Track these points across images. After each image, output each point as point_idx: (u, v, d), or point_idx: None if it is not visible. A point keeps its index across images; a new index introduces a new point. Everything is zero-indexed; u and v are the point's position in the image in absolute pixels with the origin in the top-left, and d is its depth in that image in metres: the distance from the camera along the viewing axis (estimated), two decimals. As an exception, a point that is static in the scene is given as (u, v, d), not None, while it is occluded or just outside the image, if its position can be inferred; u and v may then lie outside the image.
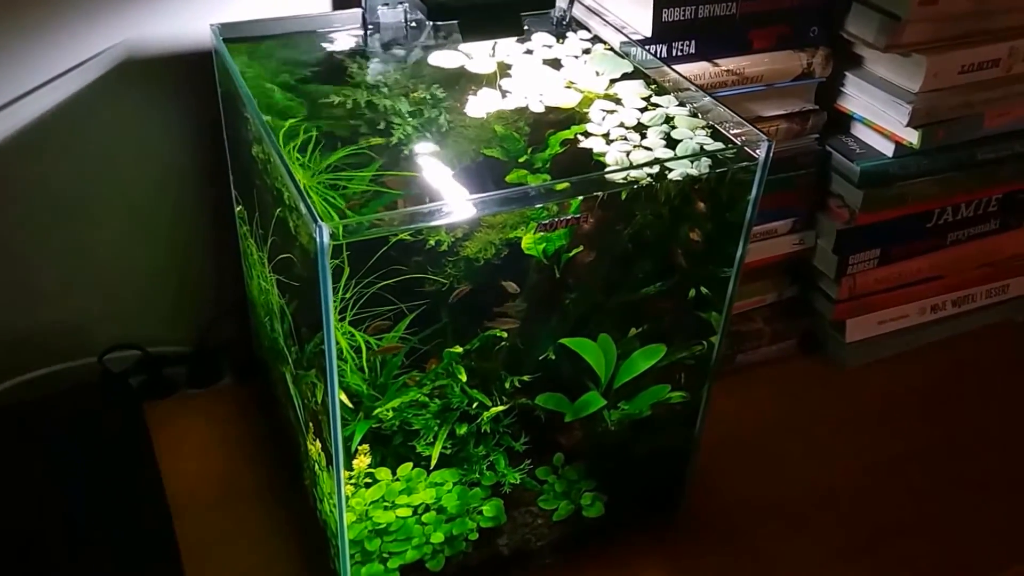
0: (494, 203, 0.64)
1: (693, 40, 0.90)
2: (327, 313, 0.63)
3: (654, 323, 0.76)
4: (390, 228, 0.61)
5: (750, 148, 0.70)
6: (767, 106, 0.97)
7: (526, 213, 0.66)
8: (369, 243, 0.63)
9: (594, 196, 0.66)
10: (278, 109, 0.76)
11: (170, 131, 0.92)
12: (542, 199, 0.65)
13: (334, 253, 0.61)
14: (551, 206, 0.66)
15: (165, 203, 0.96)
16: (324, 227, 0.58)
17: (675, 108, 0.77)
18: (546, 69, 0.82)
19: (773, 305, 1.10)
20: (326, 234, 0.58)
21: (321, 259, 0.59)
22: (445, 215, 0.63)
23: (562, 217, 0.66)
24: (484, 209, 0.63)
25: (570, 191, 0.65)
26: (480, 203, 0.63)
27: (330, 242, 0.59)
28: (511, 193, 0.64)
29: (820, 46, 0.96)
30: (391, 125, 0.75)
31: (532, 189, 0.65)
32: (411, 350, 0.69)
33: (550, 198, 0.65)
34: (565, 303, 0.72)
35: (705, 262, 0.75)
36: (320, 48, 0.85)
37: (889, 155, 0.99)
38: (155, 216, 0.96)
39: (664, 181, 0.67)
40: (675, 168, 0.68)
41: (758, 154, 0.69)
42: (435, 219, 0.63)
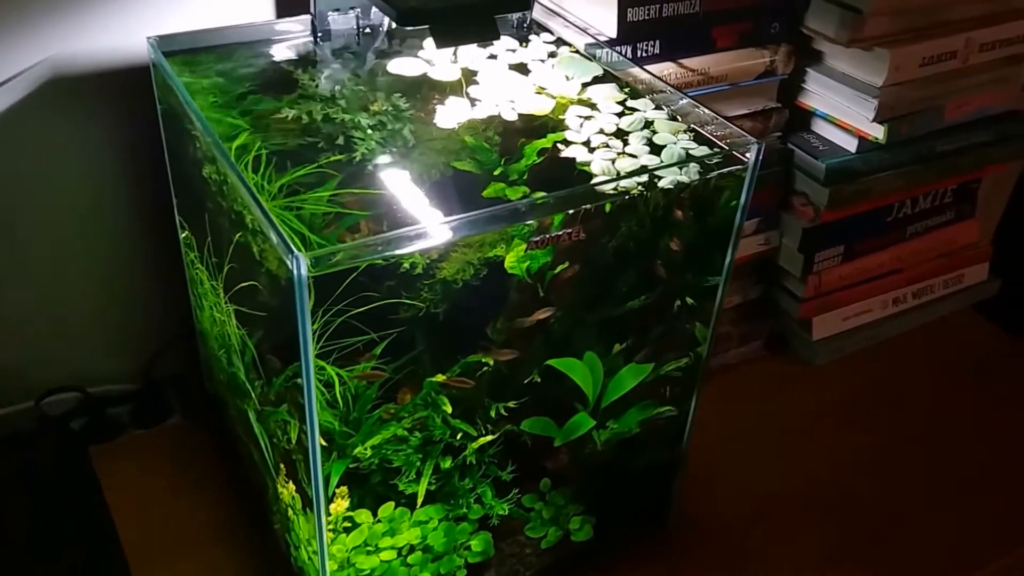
0: (482, 221, 0.59)
1: (657, 40, 0.87)
2: (306, 349, 0.58)
3: (642, 337, 0.72)
4: (373, 254, 0.56)
5: (738, 151, 0.67)
6: (731, 106, 0.94)
7: (509, 230, 0.62)
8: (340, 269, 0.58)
9: (584, 209, 0.62)
10: (225, 126, 0.71)
11: (106, 153, 0.85)
12: (534, 214, 0.61)
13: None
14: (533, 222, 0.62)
15: (102, 230, 0.89)
16: (301, 258, 0.53)
17: (653, 112, 0.73)
18: (513, 74, 0.78)
19: (739, 307, 1.08)
20: (304, 266, 0.53)
21: (299, 292, 0.54)
22: (430, 237, 0.58)
23: (554, 233, 0.62)
24: (472, 229, 0.59)
25: (563, 204, 0.61)
26: (467, 223, 0.59)
27: (309, 274, 0.54)
28: (499, 210, 0.60)
29: (782, 43, 0.94)
30: (351, 140, 0.70)
31: (523, 205, 0.60)
32: (384, 381, 0.64)
33: (543, 213, 0.61)
34: (550, 322, 0.68)
35: (693, 271, 0.72)
36: (267, 59, 0.79)
37: (853, 151, 0.98)
38: (91, 245, 0.89)
39: (655, 190, 0.64)
40: (665, 176, 0.64)
41: (748, 157, 0.66)
42: (421, 242, 0.58)
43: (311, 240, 0.61)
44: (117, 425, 0.95)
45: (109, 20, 0.80)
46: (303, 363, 0.58)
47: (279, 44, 0.81)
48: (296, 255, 0.53)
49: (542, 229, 0.62)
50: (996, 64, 1.00)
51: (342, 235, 0.62)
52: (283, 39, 0.81)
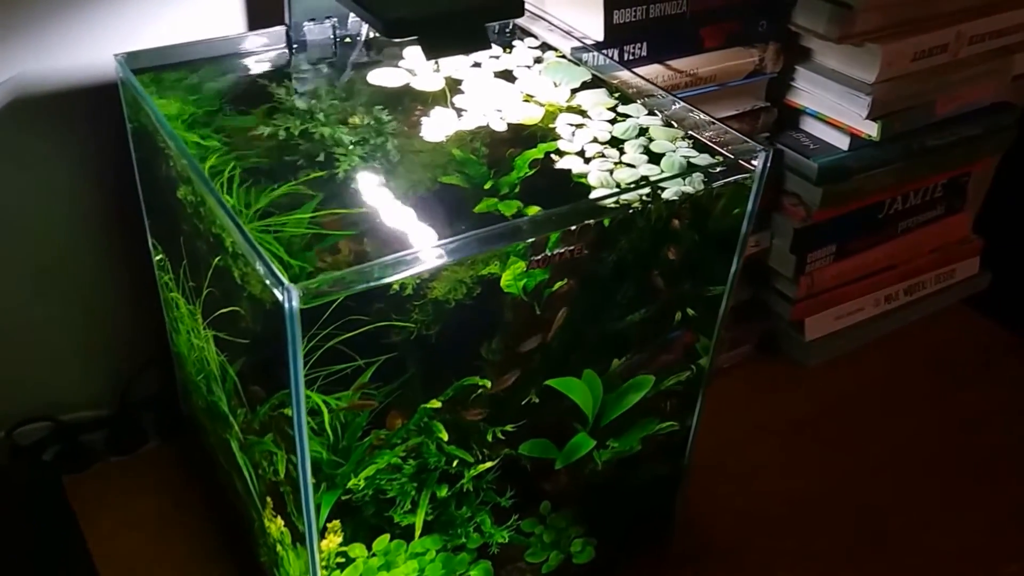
0: (481, 241, 0.56)
1: (645, 42, 0.84)
2: (296, 383, 0.54)
3: (642, 352, 0.70)
4: (367, 281, 0.53)
5: (744, 158, 0.65)
6: (720, 107, 0.92)
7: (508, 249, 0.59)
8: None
9: (586, 224, 0.59)
10: (198, 145, 0.67)
11: (74, 173, 0.81)
12: (536, 232, 0.58)
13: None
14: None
15: (71, 253, 0.85)
16: (293, 290, 0.50)
17: (647, 118, 0.71)
18: (499, 82, 0.74)
19: (730, 309, 1.06)
20: (295, 298, 0.50)
21: (291, 326, 0.51)
22: (426, 261, 0.55)
23: (557, 251, 0.59)
24: (471, 249, 0.56)
25: (565, 220, 0.58)
26: (466, 243, 0.56)
27: (300, 306, 0.50)
28: (500, 229, 0.57)
29: (770, 41, 0.92)
30: (332, 156, 0.67)
31: (525, 223, 0.57)
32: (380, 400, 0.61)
33: (546, 230, 0.58)
34: (548, 341, 0.66)
35: (696, 282, 0.69)
36: (240, 73, 0.76)
37: (844, 148, 0.96)
38: (61, 268, 0.85)
39: (659, 201, 0.61)
40: (669, 187, 0.62)
41: (754, 164, 0.64)
42: (416, 266, 0.55)
43: (291, 264, 0.58)
44: (92, 453, 0.91)
45: (77, 37, 0.76)
46: (293, 397, 0.54)
47: (252, 57, 0.77)
48: (288, 287, 0.50)
49: (538, 245, 0.59)
50: (986, 56, 0.98)
51: (322, 256, 0.59)
52: (256, 52, 0.78)
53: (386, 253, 0.59)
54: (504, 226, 0.57)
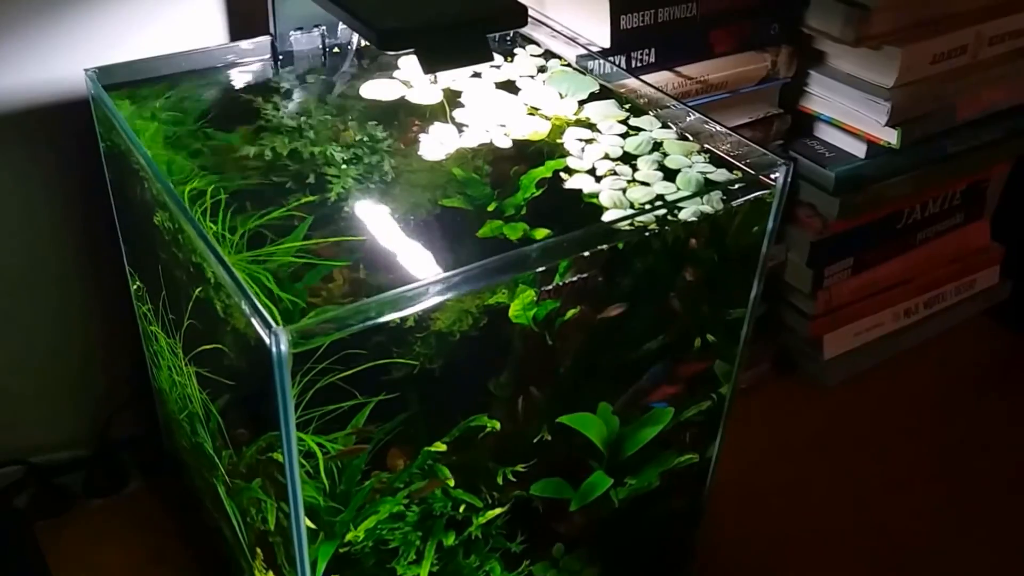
0: (488, 272, 0.51)
1: (653, 48, 0.79)
2: (288, 433, 0.49)
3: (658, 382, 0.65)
4: (365, 320, 0.48)
5: (764, 173, 0.60)
6: (731, 114, 0.87)
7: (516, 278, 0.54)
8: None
9: (600, 248, 0.54)
10: (178, 166, 0.62)
11: (47, 196, 0.76)
12: (545, 260, 0.52)
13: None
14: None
15: (43, 282, 0.80)
16: (282, 334, 0.44)
17: (660, 131, 0.66)
18: (501, 94, 0.69)
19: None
20: (284, 342, 0.45)
21: (279, 373, 0.46)
22: (430, 296, 0.50)
23: (569, 279, 0.54)
24: (477, 281, 0.51)
25: (578, 246, 0.53)
26: (472, 276, 0.51)
27: (290, 351, 0.45)
28: (508, 258, 0.52)
29: (782, 44, 0.87)
30: (324, 178, 0.62)
31: (534, 250, 0.52)
32: (376, 444, 0.56)
33: (554, 257, 0.53)
34: (560, 374, 0.60)
35: (715, 305, 0.64)
36: (223, 87, 0.71)
37: (861, 156, 0.91)
38: (31, 298, 0.80)
39: (676, 223, 0.56)
40: (686, 206, 0.56)
41: (775, 179, 0.59)
42: (418, 302, 0.50)
43: (281, 297, 0.52)
44: (68, 496, 0.86)
45: (47, 51, 0.70)
46: (284, 447, 0.49)
47: (236, 69, 0.72)
48: (276, 330, 0.44)
49: (548, 272, 0.54)
50: (1007, 58, 0.93)
51: (315, 288, 0.54)
52: (240, 64, 0.72)
53: (383, 283, 0.54)
54: (511, 255, 0.52)
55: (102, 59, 0.70)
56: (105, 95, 0.65)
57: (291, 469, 0.50)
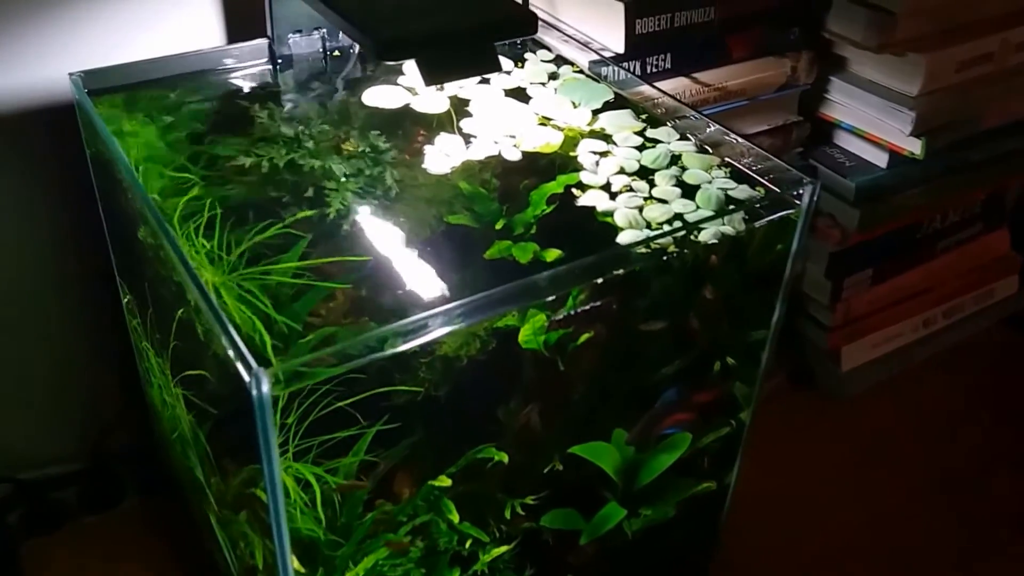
0: (494, 302, 0.48)
1: (669, 54, 0.76)
2: (272, 479, 0.46)
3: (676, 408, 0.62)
4: (359, 358, 0.45)
5: (789, 192, 0.56)
6: (749, 122, 0.84)
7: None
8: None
9: (616, 273, 0.51)
10: (170, 178, 0.59)
11: (34, 203, 0.73)
12: (555, 288, 0.49)
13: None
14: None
15: (31, 291, 0.76)
16: (263, 374, 0.41)
17: (678, 143, 0.62)
18: (511, 102, 0.66)
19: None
20: (266, 384, 0.41)
21: (261, 417, 0.42)
22: (431, 329, 0.47)
23: (581, 307, 0.50)
24: (482, 313, 0.48)
25: (591, 272, 0.50)
26: (477, 307, 0.47)
27: (272, 392, 0.42)
28: (516, 287, 0.48)
29: (803, 50, 0.84)
30: (323, 192, 0.58)
31: (543, 280, 0.49)
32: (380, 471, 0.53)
33: (565, 285, 0.50)
34: (573, 400, 0.57)
35: (736, 327, 0.61)
36: (218, 93, 0.67)
37: (883, 166, 0.88)
38: (19, 308, 0.76)
39: (696, 246, 0.53)
40: (707, 226, 0.53)
41: (800, 199, 0.55)
42: (416, 336, 0.46)
43: (276, 319, 0.49)
44: (61, 513, 0.83)
45: (32, 53, 0.67)
46: (269, 492, 0.46)
47: (232, 74, 0.69)
48: (256, 371, 0.41)
49: (561, 296, 0.51)
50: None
51: (315, 309, 0.51)
52: (236, 68, 0.69)
53: (386, 303, 0.51)
54: (517, 285, 0.48)
55: (92, 62, 0.66)
56: (88, 101, 0.61)
57: (276, 512, 0.47)
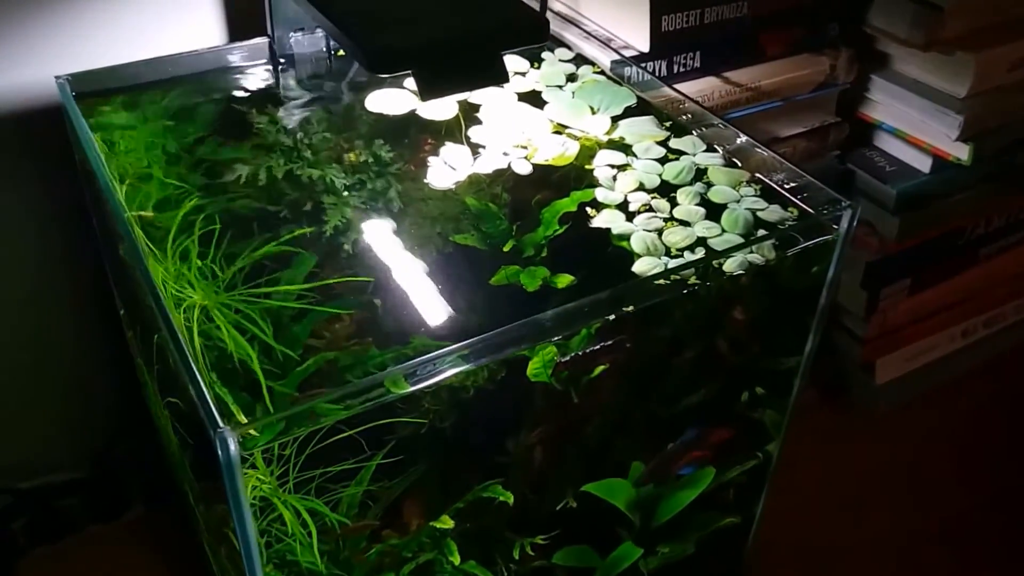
0: (492, 347, 0.44)
1: (698, 52, 0.71)
2: (247, 542, 0.42)
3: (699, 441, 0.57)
4: (338, 410, 0.41)
5: (825, 214, 0.52)
6: (784, 124, 0.79)
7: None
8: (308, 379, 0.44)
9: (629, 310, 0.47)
10: (164, 189, 0.55)
11: (31, 208, 0.70)
12: (562, 327, 0.45)
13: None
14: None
15: (29, 296, 0.74)
16: (229, 435, 0.37)
17: (704, 155, 0.58)
18: (524, 107, 0.62)
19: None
20: (232, 445, 0.38)
21: (229, 478, 0.39)
22: (419, 379, 0.43)
23: (590, 347, 0.46)
24: (478, 356, 0.44)
25: (601, 310, 0.46)
26: (476, 350, 0.43)
27: (239, 452, 0.38)
28: (517, 330, 0.44)
29: (842, 47, 0.78)
30: (324, 206, 0.55)
31: (548, 319, 0.45)
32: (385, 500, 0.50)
33: (575, 324, 0.45)
34: (587, 434, 0.53)
35: (764, 357, 0.57)
36: (217, 96, 0.64)
37: (926, 171, 0.82)
38: (19, 314, 0.74)
39: (720, 276, 0.48)
40: (733, 254, 0.49)
41: (838, 225, 0.51)
42: (418, 382, 0.43)
43: (274, 348, 0.46)
44: (65, 522, 0.80)
45: (22, 55, 0.64)
46: (243, 554, 0.42)
47: (231, 76, 0.65)
48: (221, 431, 0.37)
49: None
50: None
51: (318, 330, 0.48)
52: (235, 69, 0.65)
53: (386, 331, 0.47)
54: (519, 327, 0.44)
55: (83, 63, 0.63)
56: (73, 105, 0.58)
57: (251, 567, 0.43)
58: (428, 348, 0.46)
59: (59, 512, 0.81)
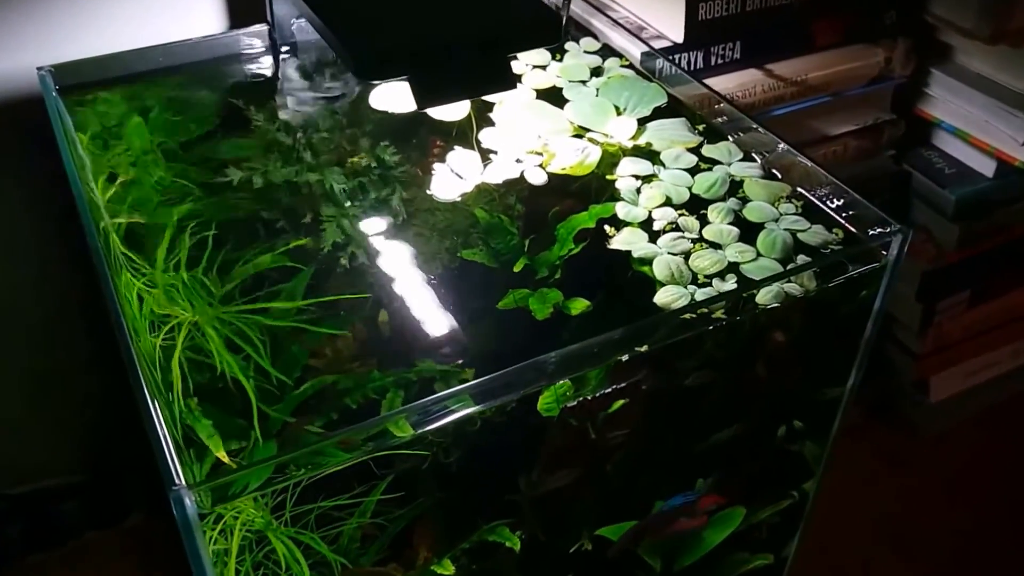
0: (487, 392, 0.39)
1: (739, 41, 0.65)
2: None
3: (728, 479, 0.52)
4: (310, 466, 0.36)
5: (871, 234, 0.46)
6: (833, 121, 0.72)
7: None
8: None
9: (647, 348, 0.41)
10: (145, 194, 0.51)
11: (23, 205, 0.66)
12: (570, 370, 0.40)
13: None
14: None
15: (27, 299, 0.70)
16: (187, 495, 0.33)
17: (740, 165, 0.52)
18: (542, 107, 0.56)
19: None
20: (191, 505, 0.33)
21: (187, 537, 0.34)
22: (406, 431, 0.38)
23: (602, 391, 0.41)
24: (477, 400, 0.39)
25: (614, 349, 0.40)
26: (472, 394, 0.38)
27: (198, 511, 0.34)
28: (516, 373, 0.39)
29: (899, 37, 0.71)
30: (319, 218, 0.50)
31: (551, 360, 0.39)
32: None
33: (583, 366, 0.40)
34: (605, 471, 0.48)
35: (797, 395, 0.51)
36: (212, 88, 0.59)
37: (989, 175, 0.75)
38: (15, 316, 0.70)
39: (753, 310, 0.43)
40: (768, 285, 0.43)
41: (888, 253, 0.45)
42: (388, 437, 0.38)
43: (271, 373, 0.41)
44: (63, 528, 0.77)
45: (5, 42, 0.60)
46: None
47: (228, 66, 0.60)
48: (179, 489, 0.33)
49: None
50: None
51: (319, 349, 0.43)
52: (233, 59, 0.61)
53: (383, 354, 0.42)
54: (519, 371, 0.39)
55: (72, 52, 0.59)
56: (56, 100, 0.53)
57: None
58: (432, 373, 0.41)
59: (56, 517, 0.78)
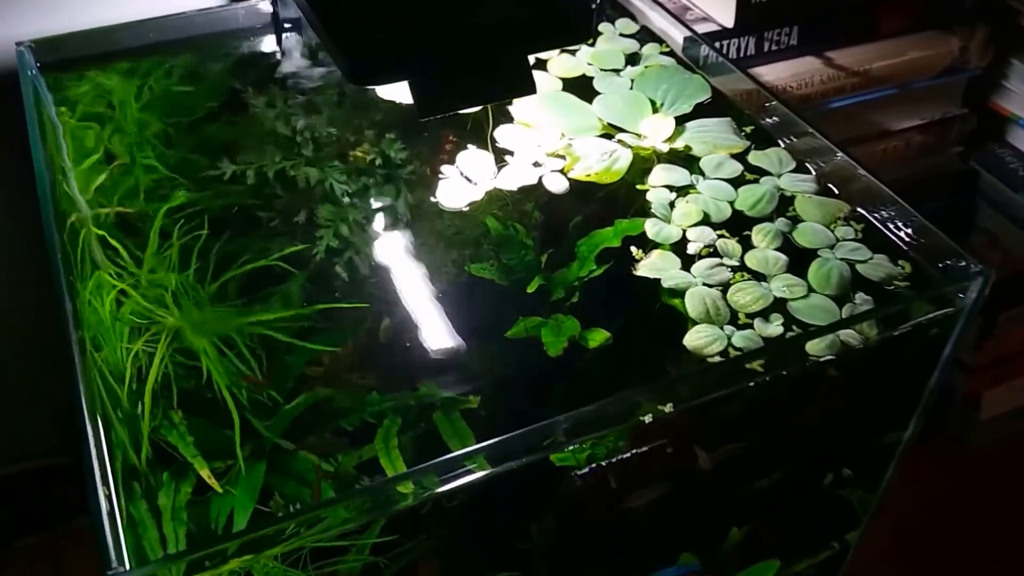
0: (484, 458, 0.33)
1: (795, 27, 0.58)
2: None
3: (763, 529, 0.46)
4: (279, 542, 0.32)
5: (946, 270, 0.40)
6: (899, 115, 0.65)
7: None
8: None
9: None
10: (128, 187, 0.46)
11: (16, 191, 0.61)
12: (582, 434, 0.34)
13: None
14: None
15: (12, 276, 0.66)
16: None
17: (791, 177, 0.45)
18: (568, 100, 0.50)
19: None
20: None
21: None
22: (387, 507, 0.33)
23: (617, 456, 0.35)
24: (469, 474, 0.33)
25: (630, 412, 0.35)
26: (470, 455, 0.33)
27: None
28: (516, 439, 0.33)
29: (978, 23, 0.64)
30: (315, 220, 0.45)
31: (561, 425, 0.33)
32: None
33: (597, 429, 0.35)
34: (625, 519, 0.43)
35: (846, 448, 0.45)
36: (208, 67, 0.54)
37: (1068, 177, 0.68)
38: (8, 294, 0.66)
39: (802, 365, 0.37)
40: (822, 336, 0.37)
41: (965, 296, 0.38)
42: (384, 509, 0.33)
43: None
44: (55, 510, 0.74)
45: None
46: None
47: (227, 44, 0.55)
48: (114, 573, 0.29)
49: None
50: None
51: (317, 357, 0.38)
52: (232, 35, 0.55)
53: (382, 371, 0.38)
54: (520, 437, 0.33)
55: (66, 25, 0.53)
56: (35, 77, 0.48)
57: None
58: (433, 398, 0.36)
59: (46, 500, 0.75)
